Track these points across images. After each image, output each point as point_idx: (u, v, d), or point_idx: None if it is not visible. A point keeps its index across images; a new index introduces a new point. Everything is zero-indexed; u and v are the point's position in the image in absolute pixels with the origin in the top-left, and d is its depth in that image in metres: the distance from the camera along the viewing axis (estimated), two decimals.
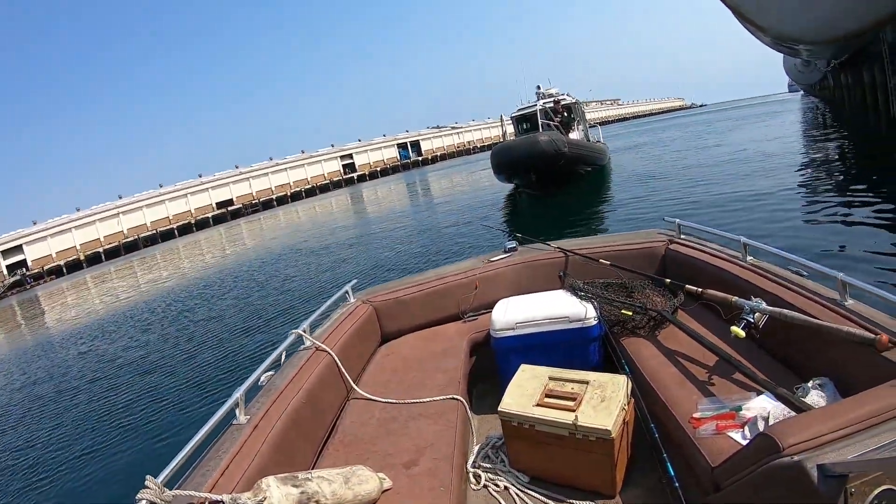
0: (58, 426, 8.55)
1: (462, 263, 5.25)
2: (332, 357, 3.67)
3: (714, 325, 3.56)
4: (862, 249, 7.47)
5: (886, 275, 6.42)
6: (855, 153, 18.68)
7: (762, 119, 47.30)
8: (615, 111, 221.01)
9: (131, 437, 7.17)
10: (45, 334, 21.70)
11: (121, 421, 7.72)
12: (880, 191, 11.23)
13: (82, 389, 10.10)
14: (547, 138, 19.72)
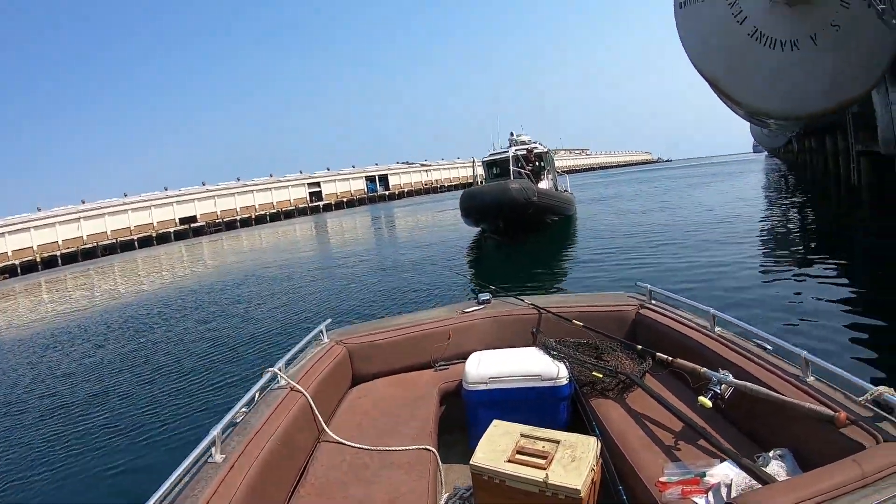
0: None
1: (436, 311, 5.31)
2: (305, 398, 3.70)
3: (682, 392, 3.68)
4: (821, 321, 7.74)
5: (846, 348, 6.67)
6: (816, 220, 19.18)
7: (726, 178, 48.34)
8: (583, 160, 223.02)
9: (87, 470, 6.58)
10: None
11: (77, 451, 7.05)
12: (838, 261, 11.73)
13: (28, 408, 9.44)
14: (518, 186, 19.94)
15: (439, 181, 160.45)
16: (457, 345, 4.73)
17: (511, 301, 5.21)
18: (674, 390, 3.74)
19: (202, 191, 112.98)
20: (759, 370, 3.24)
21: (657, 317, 4.37)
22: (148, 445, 6.67)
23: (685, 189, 39.56)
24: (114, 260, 71.43)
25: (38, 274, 76.48)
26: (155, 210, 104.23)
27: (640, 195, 38.72)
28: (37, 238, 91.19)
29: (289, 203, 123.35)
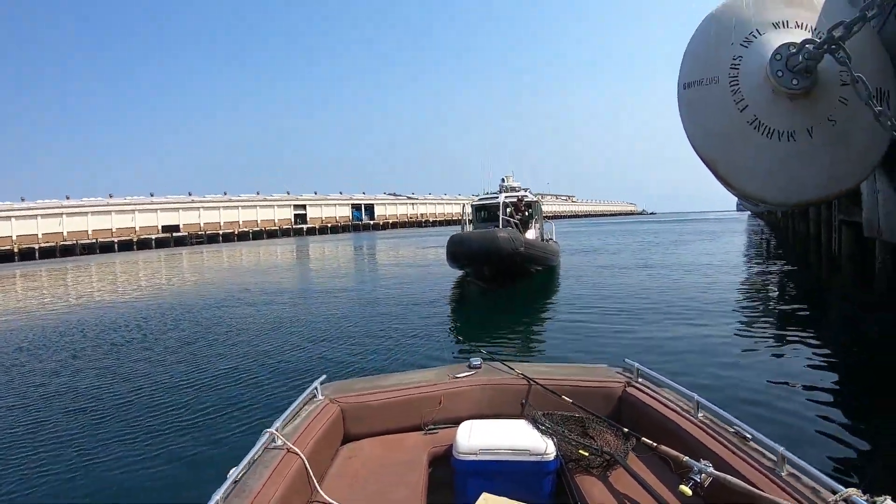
0: None
1: (427, 374, 5.41)
2: (302, 460, 3.75)
3: (664, 475, 3.78)
4: (799, 406, 7.84)
5: (820, 441, 6.78)
6: (796, 287, 19.46)
7: (709, 237, 48.70)
8: (569, 207, 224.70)
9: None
10: None
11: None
12: (818, 335, 11.94)
13: None
14: (506, 235, 20.08)
15: (425, 215, 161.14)
16: (447, 410, 4.83)
17: (501, 368, 5.29)
18: (656, 473, 3.84)
19: (188, 201, 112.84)
20: (737, 461, 3.37)
21: (643, 397, 4.49)
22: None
23: (668, 246, 39.59)
24: (91, 260, 70.53)
25: (13, 265, 75.27)
26: (138, 215, 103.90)
27: (623, 249, 38.63)
28: (17, 228, 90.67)
29: (273, 223, 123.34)
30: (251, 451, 3.57)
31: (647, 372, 4.76)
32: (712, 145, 10.58)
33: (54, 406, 9.15)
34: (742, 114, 9.96)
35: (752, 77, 9.89)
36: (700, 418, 3.93)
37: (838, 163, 9.50)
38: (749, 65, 9.90)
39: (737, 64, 10.13)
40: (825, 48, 8.47)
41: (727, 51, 10.32)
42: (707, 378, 9.09)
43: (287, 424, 4.12)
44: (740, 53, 10.17)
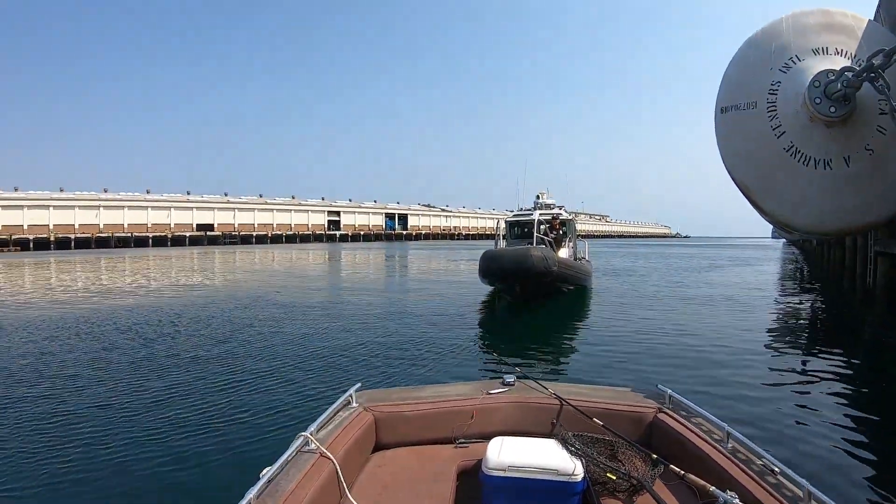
0: None
1: (461, 388, 5.41)
2: (333, 464, 3.78)
3: (688, 503, 3.75)
4: (828, 441, 7.64)
5: (847, 479, 6.61)
6: (830, 317, 19.11)
7: (743, 263, 47.86)
8: (603, 227, 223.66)
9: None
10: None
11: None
12: (850, 366, 11.67)
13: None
14: (539, 254, 19.84)
15: (458, 228, 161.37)
16: (479, 425, 4.82)
17: (534, 387, 5.28)
18: (682, 501, 3.80)
19: (223, 201, 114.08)
20: (763, 494, 3.34)
21: (673, 423, 4.47)
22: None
23: (701, 271, 38.78)
24: (125, 253, 71.30)
25: (49, 252, 76.95)
26: (174, 212, 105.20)
27: (656, 272, 37.80)
28: (55, 217, 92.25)
29: (307, 227, 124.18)
30: (285, 453, 3.61)
31: (678, 399, 4.73)
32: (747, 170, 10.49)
33: (87, 399, 9.17)
34: (779, 140, 9.86)
35: (789, 103, 9.80)
36: (729, 448, 3.90)
37: (874, 192, 9.36)
38: (787, 91, 9.82)
39: (775, 89, 10.05)
40: (864, 76, 8.39)
41: (766, 76, 10.25)
42: (737, 407, 8.89)
43: (321, 429, 4.14)
44: (779, 79, 10.09)
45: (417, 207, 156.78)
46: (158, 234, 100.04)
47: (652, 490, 3.80)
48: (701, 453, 3.96)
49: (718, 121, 11.11)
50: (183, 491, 6.12)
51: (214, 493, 5.96)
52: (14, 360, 11.87)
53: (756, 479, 3.48)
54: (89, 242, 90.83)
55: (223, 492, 5.64)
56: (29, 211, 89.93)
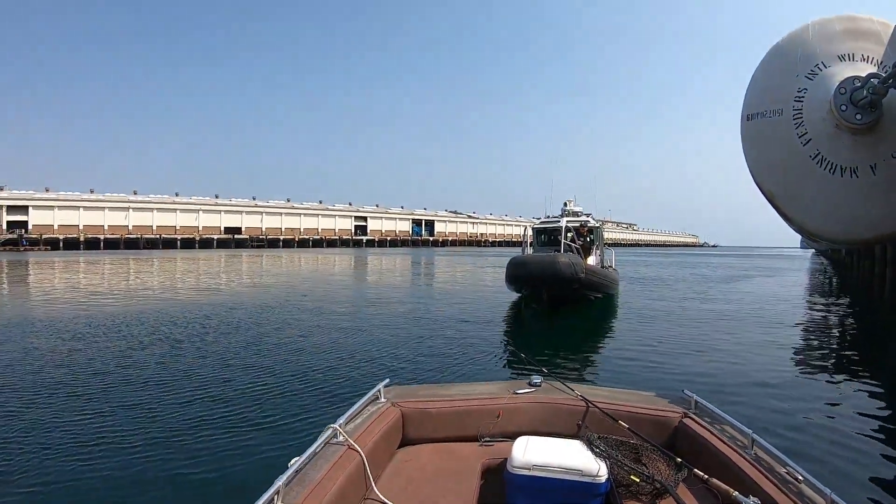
0: None
1: (488, 387, 5.44)
2: (361, 457, 3.81)
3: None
4: (853, 452, 7.60)
5: (873, 491, 6.56)
6: (857, 329, 18.87)
7: (771, 273, 47.32)
8: (630, 236, 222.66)
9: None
10: (17, 308, 21.13)
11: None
12: (877, 381, 11.44)
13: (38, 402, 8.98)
14: (566, 261, 19.85)
15: (485, 235, 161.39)
16: (505, 424, 4.84)
17: (561, 388, 5.29)
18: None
19: (251, 205, 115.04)
20: (787, 501, 3.33)
21: (698, 428, 4.44)
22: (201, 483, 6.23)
23: (729, 281, 38.28)
24: (153, 254, 71.99)
25: (79, 252, 77.91)
26: (203, 215, 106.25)
27: (683, 281, 37.30)
28: (84, 218, 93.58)
29: (333, 232, 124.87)
30: (314, 445, 3.67)
31: (704, 404, 4.72)
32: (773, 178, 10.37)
33: (119, 396, 9.30)
34: (805, 147, 9.76)
35: (816, 110, 9.70)
36: (754, 454, 3.88)
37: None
38: (813, 98, 9.72)
39: (801, 96, 9.95)
40: (890, 83, 8.29)
41: (792, 83, 10.15)
42: (762, 415, 8.80)
43: (349, 422, 4.20)
44: (805, 86, 9.99)
45: (444, 214, 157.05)
46: (186, 236, 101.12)
47: (675, 494, 3.78)
48: (725, 459, 3.94)
49: (744, 128, 11.03)
50: (214, 479, 6.25)
51: (245, 482, 6.07)
52: (47, 358, 12.00)
53: (780, 486, 3.47)
54: (118, 243, 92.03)
55: (253, 480, 5.87)
56: (60, 211, 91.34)
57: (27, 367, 11.26)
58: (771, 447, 3.79)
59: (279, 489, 3.01)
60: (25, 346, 13.26)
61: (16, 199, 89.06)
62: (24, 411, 8.48)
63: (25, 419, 8.13)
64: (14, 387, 9.81)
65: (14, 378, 10.43)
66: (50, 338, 14.17)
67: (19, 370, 11.01)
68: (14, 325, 16.05)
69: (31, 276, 37.32)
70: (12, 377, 10.47)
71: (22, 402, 8.94)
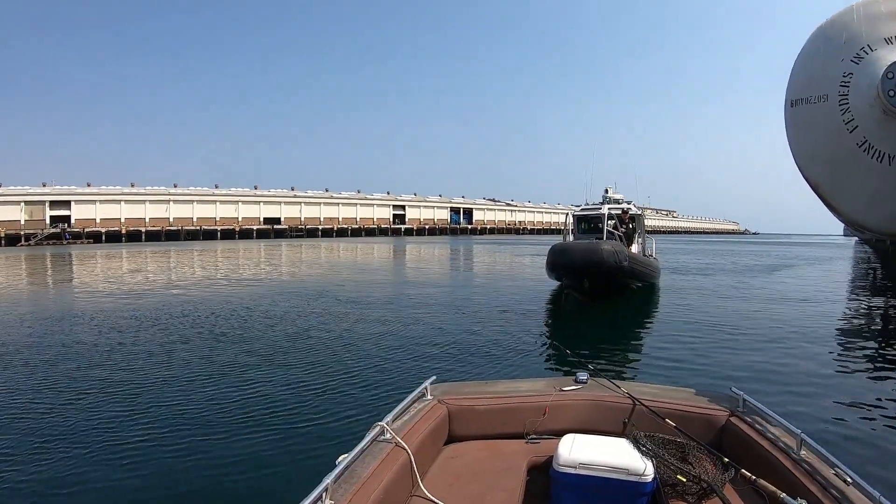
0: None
1: (534, 384, 5.43)
2: (408, 455, 3.81)
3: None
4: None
5: None
6: (882, 316, 18.51)
7: (813, 263, 45.38)
8: (670, 223, 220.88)
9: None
10: (64, 298, 21.75)
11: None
12: None
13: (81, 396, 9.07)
14: (610, 248, 19.30)
15: (523, 223, 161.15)
16: (551, 421, 4.76)
17: (607, 385, 5.21)
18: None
19: (290, 195, 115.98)
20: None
21: (746, 428, 4.33)
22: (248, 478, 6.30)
23: (771, 270, 37.19)
24: (194, 246, 72.70)
25: (120, 245, 79.17)
26: (242, 206, 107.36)
27: (724, 270, 36.33)
28: (126, 211, 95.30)
29: (372, 221, 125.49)
30: (362, 442, 3.67)
31: (752, 403, 4.56)
32: (818, 167, 10.10)
33: (164, 392, 9.29)
34: (851, 135, 9.45)
35: (862, 96, 9.36)
36: (802, 455, 3.75)
37: None
38: (859, 83, 9.39)
39: (847, 81, 9.62)
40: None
41: (837, 67, 9.81)
42: (811, 414, 8.51)
43: (396, 419, 4.19)
44: (851, 70, 9.65)
45: (482, 202, 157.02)
46: (226, 227, 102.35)
47: (722, 494, 3.69)
48: (773, 459, 3.85)
49: (788, 114, 10.67)
50: (262, 476, 6.28)
51: (292, 479, 6.09)
52: (91, 350, 12.15)
53: (828, 488, 3.35)
54: (159, 235, 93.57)
55: (301, 478, 5.77)
56: (101, 205, 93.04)
57: (70, 361, 11.29)
58: (820, 448, 3.67)
59: (328, 486, 3.00)
60: (69, 339, 13.36)
61: (59, 194, 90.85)
62: (66, 407, 8.48)
63: (68, 416, 8.13)
64: (57, 382, 9.86)
65: (57, 373, 10.48)
66: (93, 332, 14.26)
67: (63, 365, 11.05)
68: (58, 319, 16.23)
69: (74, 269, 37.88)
70: (55, 372, 10.51)
71: (64, 398, 8.96)
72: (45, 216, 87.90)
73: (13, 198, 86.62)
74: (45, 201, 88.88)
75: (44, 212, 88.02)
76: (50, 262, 43.22)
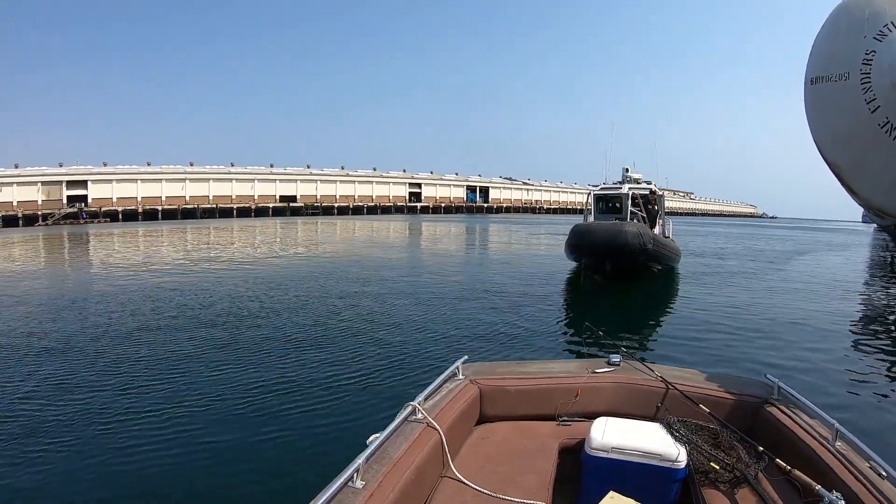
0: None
1: (566, 365, 5.49)
2: (439, 434, 3.83)
3: (792, 500, 3.58)
4: None
5: None
6: None
7: (831, 249, 45.89)
8: (687, 204, 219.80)
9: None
10: (80, 276, 22.15)
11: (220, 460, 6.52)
12: None
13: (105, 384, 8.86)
14: (634, 230, 18.91)
15: (539, 202, 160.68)
16: (583, 403, 4.78)
17: (640, 368, 5.22)
18: (784, 498, 3.63)
19: (306, 173, 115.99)
20: (869, 497, 3.14)
21: (781, 416, 4.27)
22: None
23: (791, 255, 36.78)
24: (210, 224, 73.46)
25: (137, 224, 79.92)
26: (258, 184, 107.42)
27: (743, 255, 35.98)
28: (143, 190, 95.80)
29: (388, 199, 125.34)
30: (394, 422, 3.72)
31: (787, 391, 4.53)
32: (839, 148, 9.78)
33: (195, 373, 9.42)
34: (873, 115, 9.13)
35: (885, 74, 9.03)
36: (837, 446, 3.69)
37: None
38: (883, 61, 9.05)
39: (869, 59, 9.28)
40: None
41: (859, 44, 9.46)
42: (844, 402, 8.35)
43: (428, 399, 4.23)
44: (873, 48, 9.30)
45: (499, 180, 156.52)
46: (242, 205, 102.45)
47: (755, 484, 3.71)
48: (807, 450, 3.78)
49: (808, 93, 10.34)
50: (294, 457, 6.43)
51: (324, 458, 6.17)
52: (116, 335, 12.09)
53: (863, 481, 3.28)
54: (175, 214, 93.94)
55: (332, 457, 5.85)
56: (118, 185, 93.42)
57: (101, 342, 11.42)
58: (856, 439, 3.62)
59: (359, 467, 3.03)
60: (100, 320, 13.44)
61: (75, 174, 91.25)
62: (101, 392, 8.52)
63: (103, 397, 8.26)
64: (89, 365, 9.89)
65: (89, 354, 10.57)
66: (117, 313, 14.27)
67: (95, 346, 11.15)
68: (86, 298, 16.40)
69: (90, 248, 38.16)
70: (84, 354, 10.59)
71: (98, 379, 9.07)
72: (63, 196, 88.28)
73: (30, 178, 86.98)
74: (62, 181, 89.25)
75: (61, 192, 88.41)
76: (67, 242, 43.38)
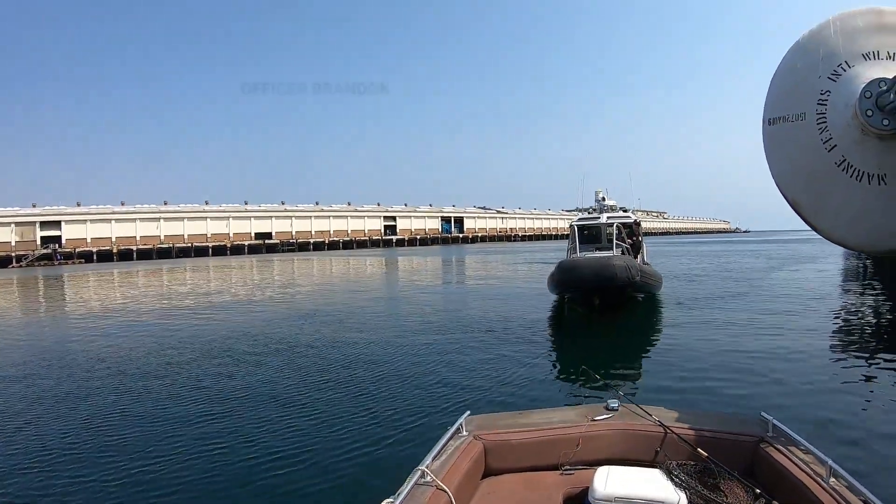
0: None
1: (565, 413, 5.57)
2: (448, 496, 3.91)
3: None
4: None
5: None
6: (891, 319, 18.40)
7: (804, 261, 46.98)
8: (661, 224, 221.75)
9: None
10: (57, 321, 22.02)
11: None
12: None
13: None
14: (622, 263, 18.56)
15: (514, 229, 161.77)
16: (585, 452, 4.89)
17: (638, 412, 5.33)
18: None
19: (281, 210, 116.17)
20: None
21: (776, 455, 4.41)
22: None
23: (768, 272, 36.98)
24: (185, 263, 73.10)
25: (112, 264, 79.48)
26: (233, 221, 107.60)
27: (720, 275, 36.31)
28: (117, 230, 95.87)
29: (363, 233, 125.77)
30: (404, 488, 3.80)
31: (781, 428, 4.71)
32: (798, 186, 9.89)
33: (200, 425, 9.31)
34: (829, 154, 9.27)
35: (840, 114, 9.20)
36: (831, 484, 3.84)
37: None
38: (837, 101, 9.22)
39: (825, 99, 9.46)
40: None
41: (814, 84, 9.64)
42: (835, 433, 8.39)
43: (435, 460, 4.32)
44: (828, 87, 9.48)
45: (473, 210, 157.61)
46: (218, 243, 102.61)
47: None
48: (802, 489, 3.93)
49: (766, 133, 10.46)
50: None
51: None
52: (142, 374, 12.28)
53: None
54: (150, 253, 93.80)
55: None
56: (92, 225, 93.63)
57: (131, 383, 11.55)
58: (849, 476, 3.77)
59: None
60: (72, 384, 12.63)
61: (49, 214, 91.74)
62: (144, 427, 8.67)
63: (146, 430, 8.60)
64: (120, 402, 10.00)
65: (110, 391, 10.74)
66: (95, 369, 13.66)
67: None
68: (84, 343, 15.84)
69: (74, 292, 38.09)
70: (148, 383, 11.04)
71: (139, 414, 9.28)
72: (36, 237, 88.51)
73: (3, 219, 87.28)
74: (36, 222, 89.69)
75: (34, 233, 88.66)
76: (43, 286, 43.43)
